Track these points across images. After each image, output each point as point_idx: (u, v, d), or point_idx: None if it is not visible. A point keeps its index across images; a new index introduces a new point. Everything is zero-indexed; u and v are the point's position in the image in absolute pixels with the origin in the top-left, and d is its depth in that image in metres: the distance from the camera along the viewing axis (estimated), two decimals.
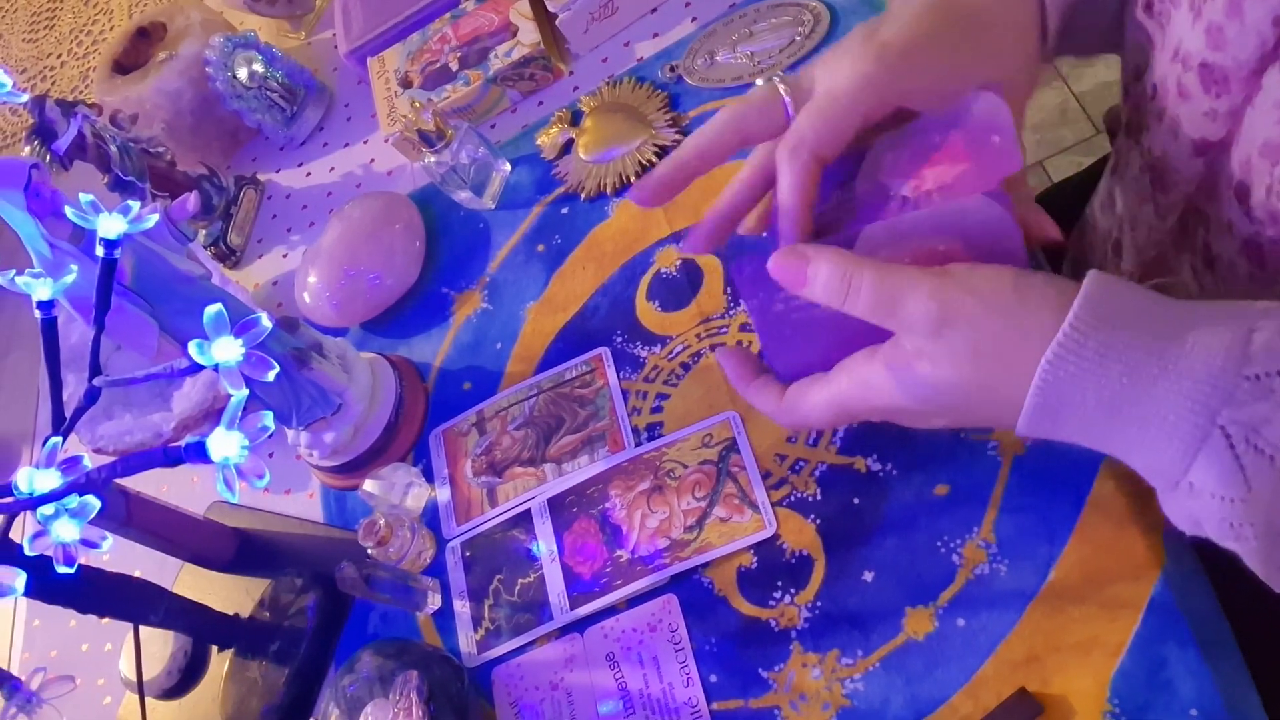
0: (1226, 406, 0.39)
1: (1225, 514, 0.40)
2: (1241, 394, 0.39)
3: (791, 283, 0.49)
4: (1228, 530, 0.41)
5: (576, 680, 0.69)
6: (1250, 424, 0.39)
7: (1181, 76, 0.50)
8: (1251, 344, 0.39)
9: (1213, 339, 0.40)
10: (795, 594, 0.65)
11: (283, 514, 0.90)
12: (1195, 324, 0.41)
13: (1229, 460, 0.39)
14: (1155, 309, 0.42)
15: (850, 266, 0.46)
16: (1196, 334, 0.40)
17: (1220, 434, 0.39)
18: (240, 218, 1.14)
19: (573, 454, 0.77)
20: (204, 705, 0.83)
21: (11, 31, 2.06)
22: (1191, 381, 0.39)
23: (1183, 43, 0.49)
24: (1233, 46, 0.45)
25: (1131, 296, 0.42)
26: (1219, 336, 0.40)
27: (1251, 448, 0.39)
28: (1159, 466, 0.42)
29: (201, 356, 0.55)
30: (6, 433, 1.39)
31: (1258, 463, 0.39)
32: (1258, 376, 0.39)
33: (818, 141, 0.50)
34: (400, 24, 1.08)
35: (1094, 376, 0.41)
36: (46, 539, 0.55)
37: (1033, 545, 0.59)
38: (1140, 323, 0.41)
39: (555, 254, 0.88)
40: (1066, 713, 0.55)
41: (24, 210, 0.62)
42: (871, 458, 0.66)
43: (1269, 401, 0.38)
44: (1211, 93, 0.48)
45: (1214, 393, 0.39)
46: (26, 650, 1.02)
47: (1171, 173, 0.55)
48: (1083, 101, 1.82)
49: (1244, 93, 0.46)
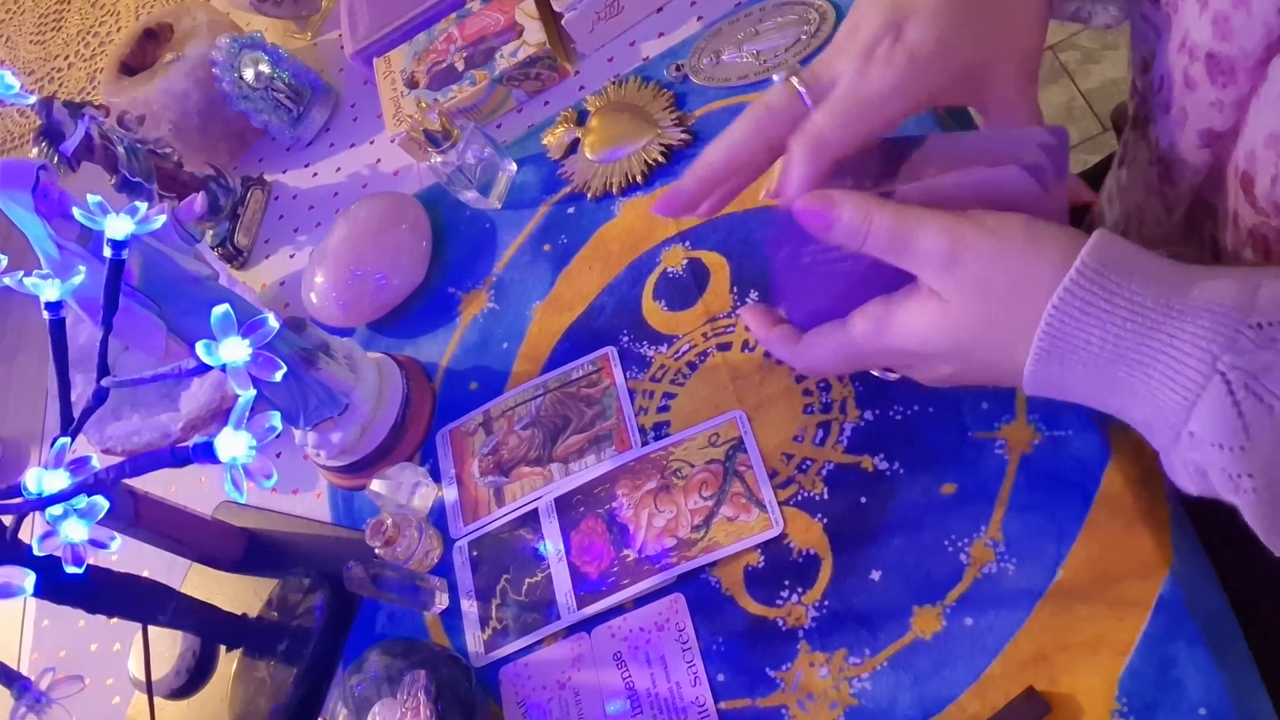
0: (1228, 353, 0.39)
1: (1225, 464, 0.41)
2: (1244, 341, 0.39)
3: (815, 225, 0.49)
4: (1228, 481, 0.41)
5: (584, 680, 0.69)
6: (1250, 371, 0.39)
7: (1188, 67, 0.49)
8: (1258, 296, 0.40)
9: (1219, 289, 0.41)
10: (802, 593, 0.65)
11: (290, 514, 0.90)
12: (1200, 276, 0.42)
13: (1228, 406, 0.39)
14: (1163, 264, 0.43)
15: (871, 206, 0.48)
16: (1202, 285, 0.41)
17: (1220, 380, 0.39)
18: (247, 218, 1.14)
19: (579, 453, 0.77)
20: (212, 705, 0.83)
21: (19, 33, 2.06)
22: (1194, 326, 0.40)
23: (1190, 33, 0.49)
24: (1239, 36, 0.45)
25: (1137, 252, 0.43)
26: (1225, 288, 0.40)
27: (1251, 395, 0.39)
28: (1161, 415, 0.42)
29: (209, 357, 0.55)
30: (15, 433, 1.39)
31: (1257, 410, 0.39)
32: (1260, 325, 0.39)
33: (840, 146, 0.51)
34: (406, 24, 1.09)
35: (1099, 320, 0.42)
36: (55, 539, 0.55)
37: (1040, 544, 0.59)
38: (1147, 272, 0.42)
39: (561, 253, 0.88)
40: (1074, 712, 0.54)
41: (32, 211, 0.62)
42: (879, 457, 0.66)
43: (1271, 350, 0.39)
44: (1218, 83, 0.48)
45: (1215, 338, 0.39)
46: (36, 650, 1.03)
47: (1178, 164, 0.55)
48: (1089, 99, 1.82)
49: (1250, 83, 0.46)
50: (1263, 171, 0.47)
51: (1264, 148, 0.47)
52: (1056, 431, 0.61)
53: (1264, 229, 0.49)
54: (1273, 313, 0.39)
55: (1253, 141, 0.47)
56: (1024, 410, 0.63)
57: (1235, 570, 0.55)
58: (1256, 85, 0.46)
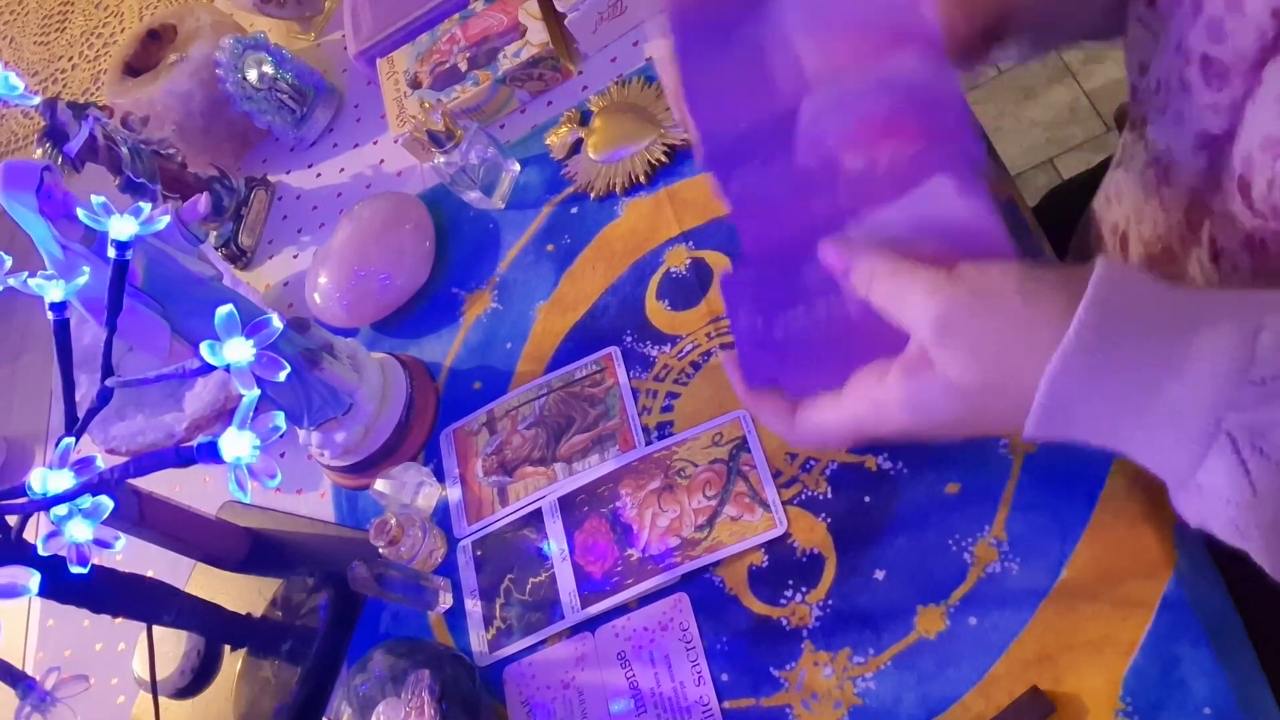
0: (1231, 411, 0.39)
1: (1231, 517, 0.40)
2: (1246, 399, 0.38)
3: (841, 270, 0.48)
4: (1234, 532, 0.41)
5: (588, 679, 0.69)
6: (1255, 428, 0.38)
7: (1184, 70, 0.49)
8: (1258, 346, 0.39)
9: (1219, 339, 0.39)
10: (806, 593, 0.65)
11: (294, 514, 0.90)
12: (1202, 322, 0.40)
13: (1234, 464, 0.39)
14: (1162, 305, 0.41)
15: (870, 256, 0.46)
16: (1202, 335, 0.40)
17: (1226, 438, 0.39)
18: (251, 219, 1.14)
19: (583, 453, 0.77)
20: (217, 704, 0.83)
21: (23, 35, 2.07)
22: (1196, 386, 0.39)
23: (1185, 36, 0.49)
24: (1233, 39, 0.45)
25: (1138, 293, 0.42)
26: (1226, 337, 0.39)
27: (1256, 451, 0.38)
28: (1167, 467, 0.42)
29: (213, 357, 0.55)
30: (20, 434, 1.39)
31: (1262, 466, 0.38)
32: (1263, 380, 0.38)
33: None
34: (409, 25, 1.09)
35: (1100, 382, 0.41)
36: (60, 539, 0.56)
37: (1045, 543, 0.59)
38: (1147, 323, 0.41)
39: (565, 253, 0.88)
40: (1079, 711, 0.54)
41: (36, 212, 0.62)
42: (882, 456, 0.66)
43: (1273, 406, 0.38)
44: (1213, 86, 0.48)
45: (1219, 397, 0.39)
46: (41, 650, 1.03)
47: (1175, 166, 0.55)
48: (1093, 99, 1.81)
49: (1245, 86, 0.46)
50: (1259, 174, 0.47)
51: (1260, 151, 0.47)
52: None
53: (1262, 231, 0.49)
54: (1274, 365, 0.38)
55: (1249, 145, 0.47)
56: None
57: (1239, 570, 0.55)
58: (1251, 89, 0.46)
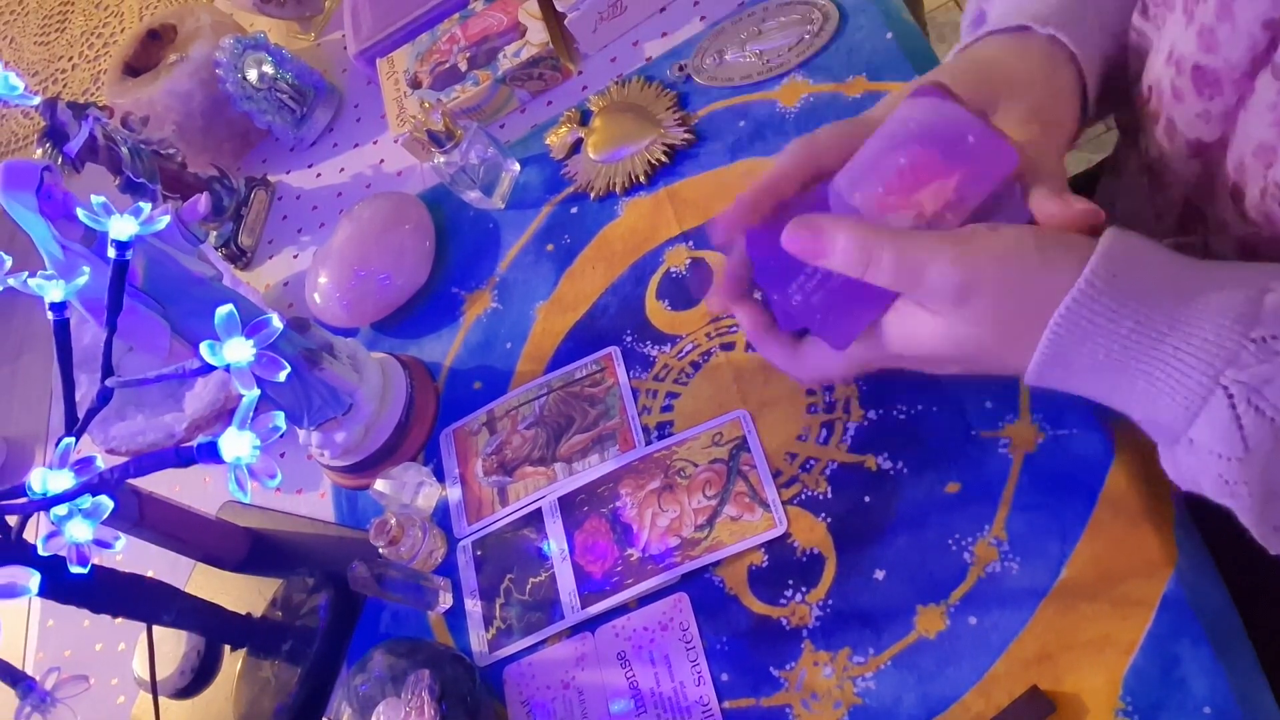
0: (1231, 366, 0.39)
1: (1222, 471, 0.41)
2: (1246, 355, 0.39)
3: (809, 253, 0.48)
4: (1223, 487, 0.42)
5: (588, 679, 0.69)
6: (1252, 384, 0.39)
7: (1175, 79, 0.50)
8: (1263, 306, 0.40)
9: (1224, 299, 0.40)
10: (806, 592, 0.65)
11: (294, 514, 0.90)
12: (1209, 284, 0.41)
13: (1229, 419, 0.40)
14: (1171, 269, 0.43)
15: (869, 237, 0.46)
16: (1208, 294, 0.41)
17: (1223, 393, 0.40)
18: (251, 219, 1.14)
19: (583, 453, 0.77)
20: (217, 704, 0.83)
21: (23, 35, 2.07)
22: (1199, 340, 0.40)
23: (1176, 45, 0.49)
24: (1224, 49, 0.46)
25: (1149, 255, 0.43)
26: (1231, 296, 0.40)
27: (1252, 408, 0.39)
28: (1162, 421, 0.43)
29: (213, 357, 0.55)
30: (20, 434, 1.40)
31: (1257, 422, 0.39)
32: (1264, 339, 0.39)
33: (826, 141, 0.51)
34: (409, 24, 1.09)
35: (1104, 331, 0.42)
36: (60, 539, 0.56)
37: (1045, 543, 0.59)
38: (1154, 281, 0.42)
39: (565, 253, 0.88)
40: (1079, 711, 0.54)
41: (36, 212, 0.62)
42: (882, 456, 0.66)
43: (1272, 364, 0.39)
44: (1205, 95, 0.48)
45: (1219, 352, 0.40)
46: (41, 650, 1.03)
47: (1168, 174, 0.55)
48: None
49: (1236, 95, 0.47)
50: (1252, 183, 0.47)
51: (1253, 159, 0.47)
52: (1060, 430, 0.61)
53: (1254, 239, 0.49)
54: (1276, 325, 0.39)
55: (1241, 153, 0.48)
56: (1028, 409, 0.63)
57: (1239, 569, 0.55)
58: (1243, 97, 0.46)
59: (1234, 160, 0.48)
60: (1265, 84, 0.44)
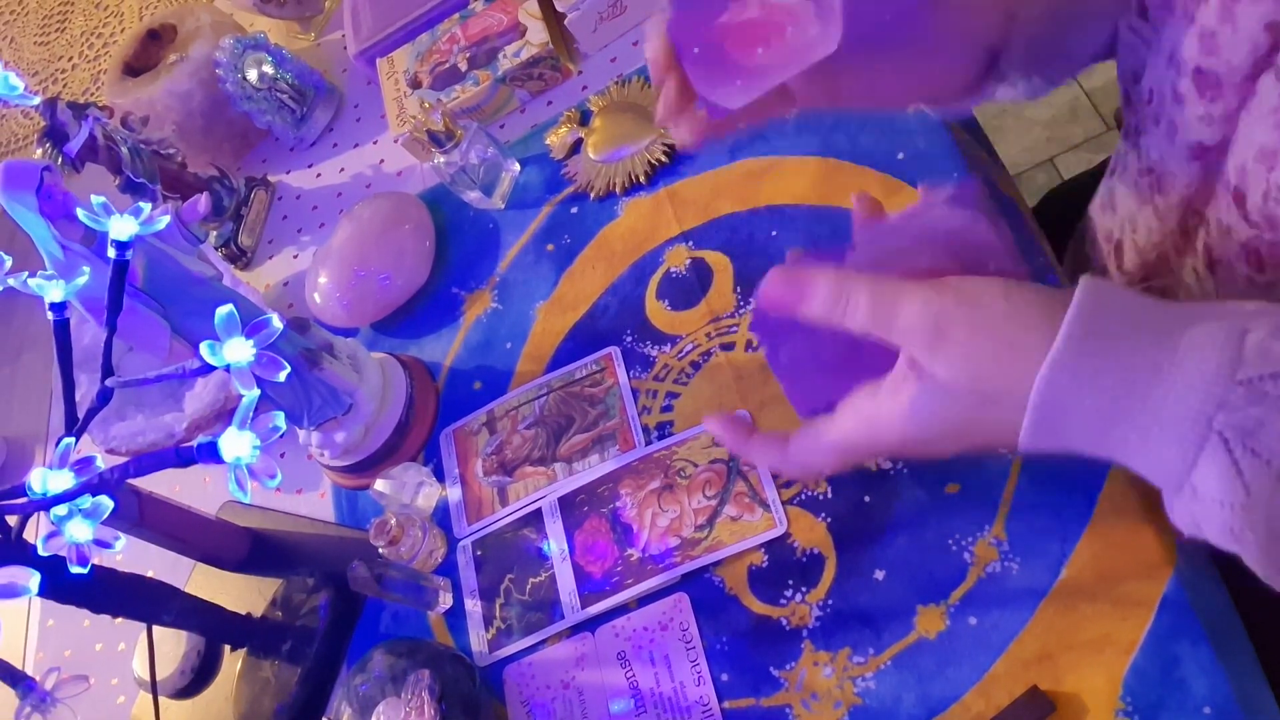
0: (1221, 411, 0.39)
1: (1226, 519, 0.40)
2: (1235, 399, 0.38)
3: (789, 303, 0.48)
4: (1228, 534, 0.41)
5: (588, 679, 0.69)
6: (1245, 429, 0.38)
7: (1176, 82, 0.49)
8: (1244, 346, 0.39)
9: (1205, 341, 0.40)
10: (806, 592, 0.65)
11: (294, 514, 0.90)
12: (1187, 326, 0.41)
13: (1227, 465, 0.39)
14: (1147, 314, 0.42)
15: (845, 280, 0.46)
16: (1189, 337, 0.40)
17: (1218, 439, 0.39)
18: (251, 219, 1.14)
19: (583, 453, 0.77)
20: (217, 704, 0.83)
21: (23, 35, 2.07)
22: (1186, 388, 0.39)
23: (1177, 48, 0.49)
24: (1226, 52, 0.45)
25: (1123, 303, 0.42)
26: (1212, 338, 0.40)
27: (1249, 452, 0.38)
28: (1162, 472, 0.42)
29: (213, 357, 0.55)
30: (20, 434, 1.39)
31: (1255, 466, 0.38)
32: (1250, 381, 0.38)
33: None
34: (409, 24, 1.09)
35: (1090, 390, 0.41)
36: (60, 539, 0.56)
37: (1045, 543, 0.59)
38: (1133, 330, 0.41)
39: (565, 253, 0.88)
40: (1079, 711, 0.54)
41: (36, 213, 0.62)
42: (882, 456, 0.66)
43: (1262, 406, 0.38)
44: (1206, 97, 0.48)
45: (1208, 399, 0.39)
46: (41, 650, 1.03)
47: (1169, 176, 0.55)
48: (1093, 98, 1.81)
49: (1238, 98, 0.46)
50: (1254, 186, 0.47)
51: (1254, 162, 0.47)
52: None
53: (1257, 242, 0.49)
54: (1261, 365, 0.38)
55: (1243, 156, 0.47)
56: None
57: (1239, 569, 0.55)
58: (1245, 100, 0.46)
59: (1235, 164, 0.48)
60: (1267, 87, 0.44)
